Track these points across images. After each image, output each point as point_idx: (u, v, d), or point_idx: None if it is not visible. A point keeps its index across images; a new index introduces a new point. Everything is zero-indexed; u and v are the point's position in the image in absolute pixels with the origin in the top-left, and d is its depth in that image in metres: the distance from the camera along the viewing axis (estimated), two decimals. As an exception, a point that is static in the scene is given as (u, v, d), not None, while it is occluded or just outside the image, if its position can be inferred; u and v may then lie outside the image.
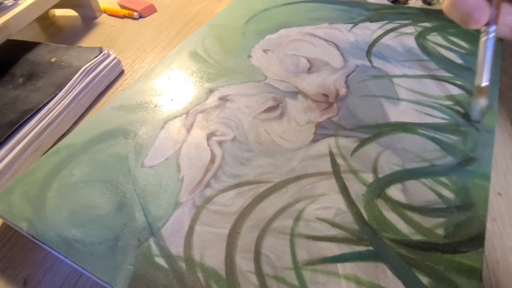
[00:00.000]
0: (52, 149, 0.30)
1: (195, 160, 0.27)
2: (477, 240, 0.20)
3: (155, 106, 0.33)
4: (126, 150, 0.29)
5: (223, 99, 0.33)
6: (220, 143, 0.28)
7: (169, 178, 0.26)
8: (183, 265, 0.21)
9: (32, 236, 0.24)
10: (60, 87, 0.36)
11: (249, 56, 0.38)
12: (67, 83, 0.37)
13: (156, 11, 0.59)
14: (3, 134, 0.31)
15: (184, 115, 0.32)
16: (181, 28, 0.52)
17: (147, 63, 0.45)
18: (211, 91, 0.34)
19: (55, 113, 0.35)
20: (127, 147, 0.29)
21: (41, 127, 0.33)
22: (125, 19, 0.58)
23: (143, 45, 0.49)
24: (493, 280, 0.21)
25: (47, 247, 0.24)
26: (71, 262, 0.22)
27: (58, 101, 0.35)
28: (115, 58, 0.42)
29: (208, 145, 0.28)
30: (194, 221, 0.23)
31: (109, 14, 0.60)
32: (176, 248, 0.22)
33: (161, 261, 0.21)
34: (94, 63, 0.40)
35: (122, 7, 0.60)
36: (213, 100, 0.33)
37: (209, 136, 0.29)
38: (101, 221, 0.24)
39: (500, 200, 0.25)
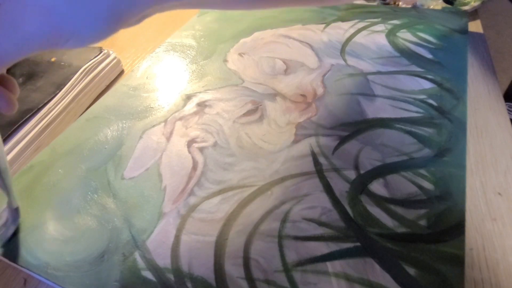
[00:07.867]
0: (24, 167, 0.29)
1: (177, 169, 0.27)
2: (458, 228, 0.21)
3: (132, 116, 0.32)
4: (105, 162, 0.28)
5: (201, 105, 0.32)
6: (201, 149, 0.28)
7: (151, 188, 0.26)
8: (171, 276, 0.21)
9: (10, 260, 0.22)
10: (60, 87, 0.36)
11: (225, 61, 0.38)
12: (67, 83, 0.36)
13: (156, 10, 0.58)
14: (3, 134, 0.31)
15: (163, 123, 0.31)
16: (182, 28, 0.51)
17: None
18: (188, 97, 0.34)
19: (55, 113, 0.34)
20: (105, 159, 0.28)
21: (41, 127, 0.33)
22: None
23: (143, 45, 0.49)
24: (493, 280, 0.21)
25: (26, 270, 0.22)
26: (53, 284, 0.21)
27: (58, 100, 0.35)
28: (115, 58, 0.42)
29: (189, 152, 0.28)
30: (179, 230, 0.23)
31: (109, 14, 0.59)
32: (163, 259, 0.21)
33: (148, 274, 0.21)
34: (94, 63, 0.39)
35: None
36: (191, 106, 0.32)
37: (190, 143, 0.29)
38: (82, 238, 0.23)
39: (500, 200, 0.24)
